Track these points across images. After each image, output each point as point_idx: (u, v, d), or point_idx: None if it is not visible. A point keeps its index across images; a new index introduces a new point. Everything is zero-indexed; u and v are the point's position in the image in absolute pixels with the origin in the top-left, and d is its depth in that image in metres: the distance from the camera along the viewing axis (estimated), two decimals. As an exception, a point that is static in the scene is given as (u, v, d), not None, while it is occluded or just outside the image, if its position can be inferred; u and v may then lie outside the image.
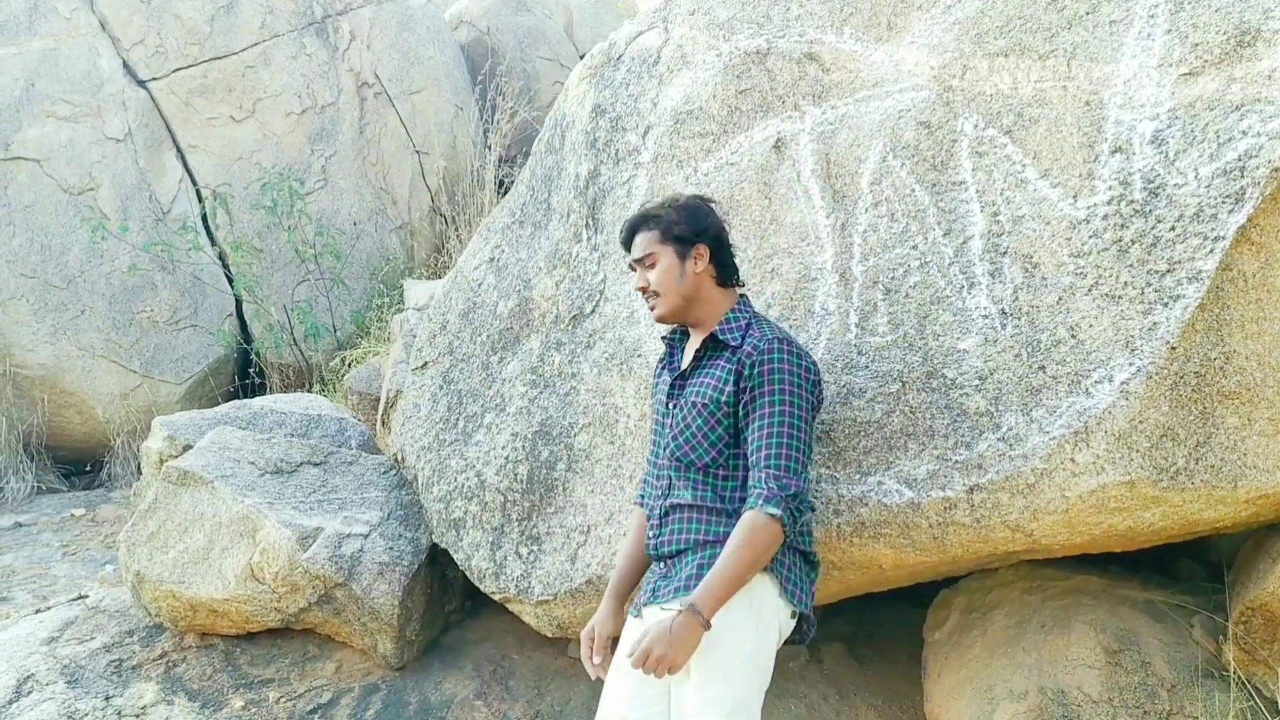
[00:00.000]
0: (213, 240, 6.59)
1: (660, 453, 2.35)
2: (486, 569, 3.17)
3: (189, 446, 3.82)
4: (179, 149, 6.65)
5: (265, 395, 5.03)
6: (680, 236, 2.27)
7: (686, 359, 2.36)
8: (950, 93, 2.49)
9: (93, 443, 6.21)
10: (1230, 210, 2.07)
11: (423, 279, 6.60)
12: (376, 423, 4.19)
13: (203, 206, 6.56)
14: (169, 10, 6.69)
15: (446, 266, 6.81)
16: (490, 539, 3.17)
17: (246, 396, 5.71)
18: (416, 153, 7.53)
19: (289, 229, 6.48)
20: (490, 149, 7.49)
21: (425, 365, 3.62)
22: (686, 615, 2.01)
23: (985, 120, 2.42)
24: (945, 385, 2.34)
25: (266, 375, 6.49)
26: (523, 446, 3.13)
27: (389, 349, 4.96)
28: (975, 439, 2.29)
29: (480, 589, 3.24)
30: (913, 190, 2.50)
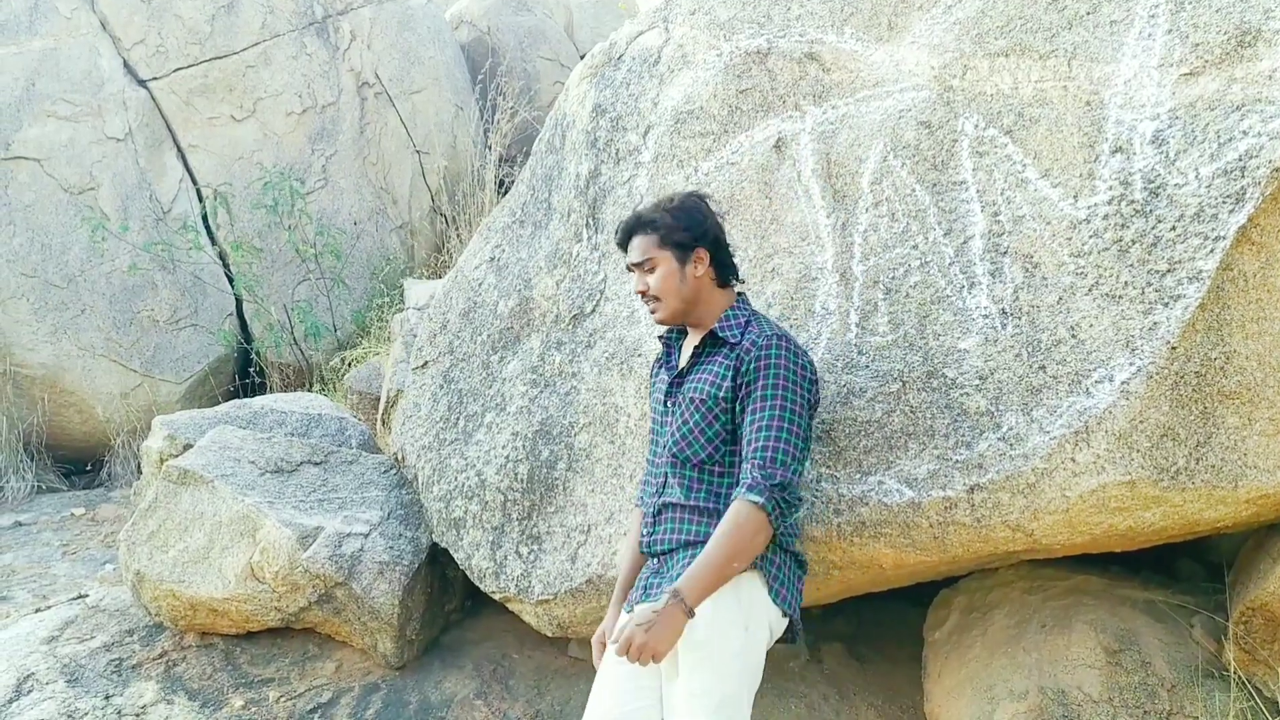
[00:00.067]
0: (213, 240, 6.60)
1: (660, 452, 2.35)
2: (487, 568, 3.17)
3: (189, 446, 3.82)
4: (179, 148, 6.65)
5: (265, 395, 5.03)
6: (680, 243, 2.26)
7: (684, 357, 2.35)
8: (951, 92, 2.49)
9: (93, 442, 6.21)
10: (1231, 210, 2.07)
11: (423, 279, 6.60)
12: (377, 422, 4.19)
13: (203, 206, 6.56)
14: (169, 10, 6.69)
15: (447, 266, 6.81)
16: (490, 538, 3.17)
17: (247, 396, 5.71)
18: (417, 152, 7.53)
19: (289, 228, 6.48)
20: (490, 149, 7.49)
21: (425, 365, 3.62)
22: (669, 603, 2.01)
23: (986, 120, 2.42)
24: (946, 385, 2.34)
25: (267, 375, 6.49)
26: (523, 446, 3.13)
27: (389, 348, 4.96)
28: (976, 439, 2.29)
29: (480, 588, 3.24)
30: (913, 190, 2.50)
